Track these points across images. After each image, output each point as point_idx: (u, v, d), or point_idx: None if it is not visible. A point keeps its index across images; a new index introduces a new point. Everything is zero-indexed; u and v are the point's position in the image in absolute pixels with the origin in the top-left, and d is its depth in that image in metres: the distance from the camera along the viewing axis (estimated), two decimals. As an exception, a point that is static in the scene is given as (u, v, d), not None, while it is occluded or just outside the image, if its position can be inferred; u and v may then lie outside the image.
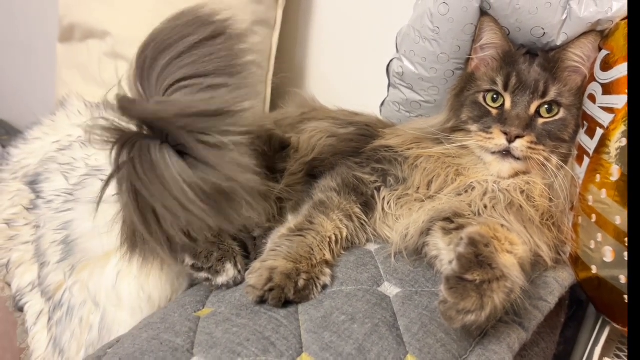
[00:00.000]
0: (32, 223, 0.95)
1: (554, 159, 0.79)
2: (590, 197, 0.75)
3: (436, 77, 0.98)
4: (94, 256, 0.79)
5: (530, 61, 0.84)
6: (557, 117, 0.81)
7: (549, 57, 0.84)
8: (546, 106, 0.81)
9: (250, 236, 0.83)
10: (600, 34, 0.81)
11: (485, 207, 0.77)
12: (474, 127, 0.84)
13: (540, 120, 0.81)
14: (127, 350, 0.60)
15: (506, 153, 0.80)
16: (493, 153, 0.81)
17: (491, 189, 0.79)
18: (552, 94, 0.81)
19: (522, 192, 0.79)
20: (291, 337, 0.60)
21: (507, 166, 0.80)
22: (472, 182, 0.80)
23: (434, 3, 0.91)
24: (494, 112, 0.83)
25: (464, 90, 0.90)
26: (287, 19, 1.39)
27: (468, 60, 0.94)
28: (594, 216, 0.74)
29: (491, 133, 0.81)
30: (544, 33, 0.85)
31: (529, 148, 0.78)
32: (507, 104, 0.82)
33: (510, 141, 0.78)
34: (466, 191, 0.80)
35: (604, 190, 0.72)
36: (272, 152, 0.94)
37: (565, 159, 0.82)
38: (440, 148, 0.86)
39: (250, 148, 0.70)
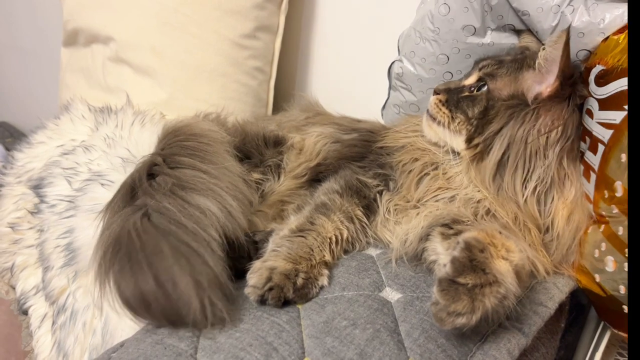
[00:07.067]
0: (36, 227, 0.96)
1: (460, 138, 0.82)
2: (602, 212, 0.74)
3: (434, 78, 1.00)
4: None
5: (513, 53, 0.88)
6: (472, 94, 0.83)
7: (529, 52, 0.85)
8: (478, 84, 0.84)
9: (252, 240, 0.84)
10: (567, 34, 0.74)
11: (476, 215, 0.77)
12: None
13: (465, 93, 0.84)
14: (131, 355, 0.60)
15: (428, 109, 0.88)
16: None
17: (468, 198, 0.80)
18: (482, 72, 0.84)
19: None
20: (293, 342, 0.61)
21: (425, 123, 0.88)
22: (454, 195, 0.81)
23: (435, 4, 0.93)
24: None
25: None
26: (290, 24, 1.40)
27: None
28: (602, 226, 0.73)
29: None
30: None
31: (435, 104, 0.86)
32: None
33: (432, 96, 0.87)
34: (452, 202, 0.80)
35: (613, 206, 0.71)
36: (266, 146, 0.99)
37: (470, 144, 0.81)
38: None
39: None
